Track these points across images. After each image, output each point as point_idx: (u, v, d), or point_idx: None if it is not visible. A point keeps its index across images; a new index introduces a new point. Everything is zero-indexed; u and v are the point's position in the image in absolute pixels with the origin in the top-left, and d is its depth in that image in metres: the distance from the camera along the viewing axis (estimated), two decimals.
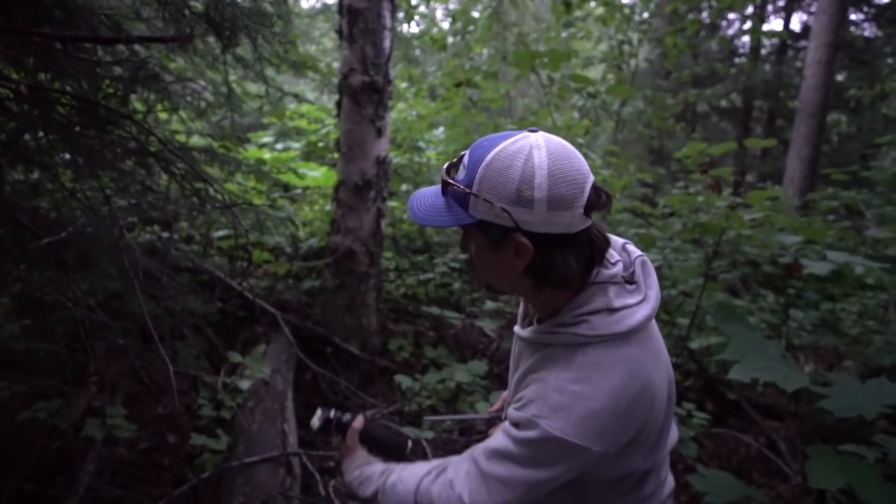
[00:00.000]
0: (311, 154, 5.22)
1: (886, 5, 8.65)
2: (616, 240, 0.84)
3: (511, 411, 0.76)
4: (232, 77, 2.56)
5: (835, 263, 1.63)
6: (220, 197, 1.66)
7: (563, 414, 0.68)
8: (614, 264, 0.78)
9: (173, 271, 2.85)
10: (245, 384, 2.34)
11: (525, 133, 0.71)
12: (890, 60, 8.33)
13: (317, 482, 1.87)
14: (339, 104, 2.87)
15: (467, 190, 0.70)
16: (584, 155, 0.76)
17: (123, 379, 2.42)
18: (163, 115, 2.00)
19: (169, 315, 2.41)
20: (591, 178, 0.71)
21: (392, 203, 4.03)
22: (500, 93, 4.08)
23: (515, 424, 0.73)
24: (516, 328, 0.87)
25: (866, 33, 9.12)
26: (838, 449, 2.12)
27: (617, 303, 0.73)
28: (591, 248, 0.73)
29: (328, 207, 3.48)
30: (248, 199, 1.96)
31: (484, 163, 0.69)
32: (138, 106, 1.48)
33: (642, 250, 0.84)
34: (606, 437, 0.70)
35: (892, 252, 4.45)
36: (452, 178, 0.74)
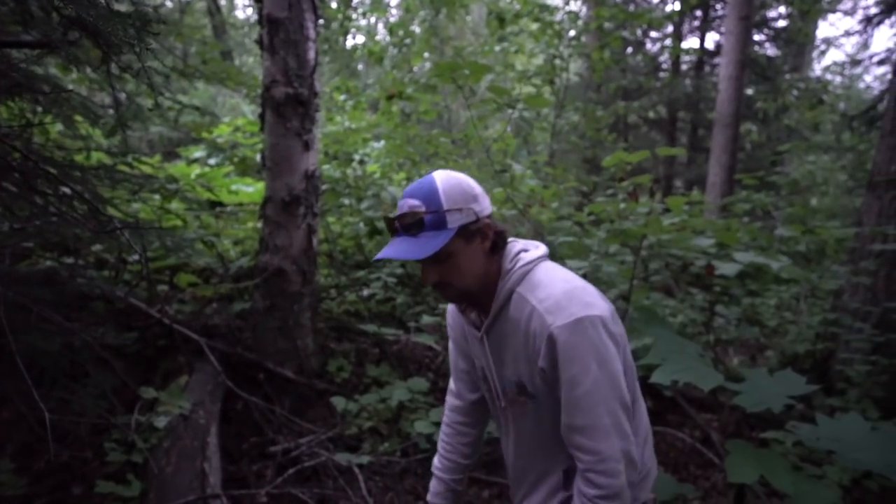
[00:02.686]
0: (247, 170, 4.98)
1: (783, 28, 9.65)
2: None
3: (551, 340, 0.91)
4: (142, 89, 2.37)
5: (741, 264, 1.75)
6: (119, 216, 1.51)
7: (557, 307, 0.91)
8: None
9: (78, 301, 2.58)
10: (162, 421, 2.13)
11: (429, 174, 0.96)
12: (787, 76, 9.26)
13: None
14: (262, 117, 2.75)
15: (443, 210, 0.91)
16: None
17: (14, 428, 2.15)
18: (53, 130, 1.81)
19: (67, 351, 2.17)
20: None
21: (329, 219, 3.91)
22: (435, 105, 4.09)
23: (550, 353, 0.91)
24: (476, 334, 1.04)
25: (768, 52, 10.09)
26: (761, 437, 2.24)
27: (525, 245, 1.03)
28: (498, 227, 1.01)
29: (259, 225, 3.32)
30: (151, 221, 1.80)
31: (440, 190, 0.92)
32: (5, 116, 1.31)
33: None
34: (597, 303, 0.93)
35: (801, 248, 4.89)
36: (418, 216, 0.92)
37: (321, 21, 4.93)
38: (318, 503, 2.12)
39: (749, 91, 8.98)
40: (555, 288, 0.93)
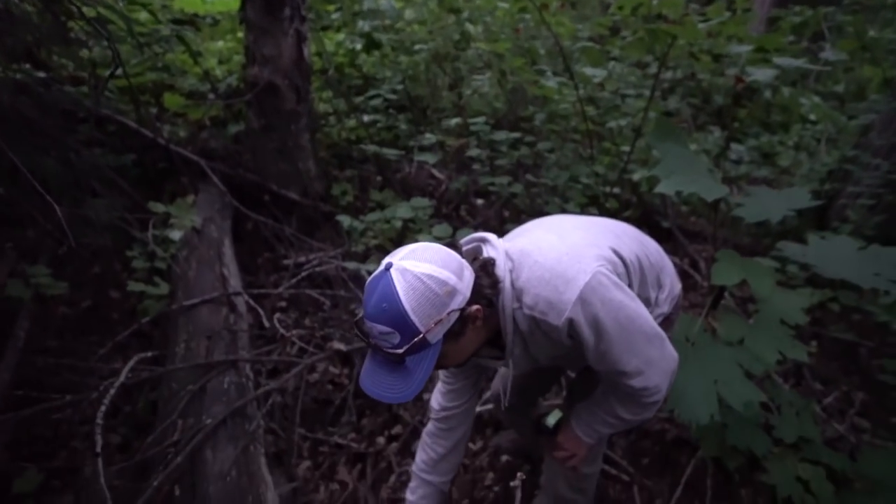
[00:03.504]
0: None
1: None
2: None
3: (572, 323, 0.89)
4: None
5: (779, 69, 1.56)
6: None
7: (549, 306, 0.87)
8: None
9: (65, 120, 2.47)
10: (176, 234, 2.24)
11: (384, 272, 0.80)
12: None
13: (262, 317, 1.93)
14: None
15: (421, 335, 0.78)
16: None
17: (44, 242, 2.26)
18: None
19: (70, 170, 2.15)
20: (438, 244, 0.87)
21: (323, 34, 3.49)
22: None
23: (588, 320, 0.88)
24: (499, 364, 1.02)
25: None
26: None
27: (488, 251, 0.95)
28: (480, 263, 0.90)
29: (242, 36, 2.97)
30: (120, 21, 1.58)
31: (409, 311, 0.77)
32: None
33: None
34: (581, 267, 0.89)
35: (839, 89, 4.46)
36: (395, 346, 0.79)
37: None
38: (331, 303, 2.35)
39: None
40: (537, 286, 0.88)
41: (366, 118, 3.43)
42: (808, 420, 1.58)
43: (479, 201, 3.29)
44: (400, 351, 0.78)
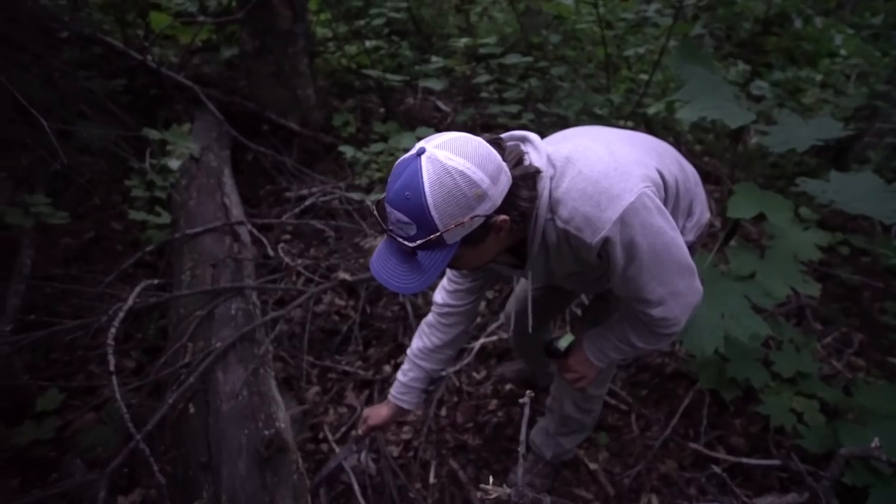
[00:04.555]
0: None
1: None
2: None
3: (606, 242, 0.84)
4: None
5: None
6: None
7: (586, 222, 0.82)
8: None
9: (46, 39, 2.31)
10: (175, 163, 2.17)
11: (415, 157, 0.73)
12: None
13: (266, 247, 1.91)
14: None
15: (438, 233, 0.72)
16: None
17: (41, 169, 2.20)
18: None
19: (54, 91, 2.04)
20: (484, 136, 0.80)
21: None
22: None
23: (622, 244, 0.84)
24: (519, 272, 0.99)
25: None
26: None
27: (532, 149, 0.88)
28: (522, 171, 0.82)
29: None
30: None
31: (430, 206, 0.71)
32: None
33: None
34: (627, 186, 0.82)
35: (875, 21, 4.12)
36: (410, 238, 0.74)
37: None
38: (335, 235, 2.32)
39: None
40: (577, 199, 0.82)
41: (367, 44, 3.22)
42: (807, 356, 1.61)
43: (486, 134, 3.18)
44: (412, 244, 0.74)
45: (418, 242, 0.73)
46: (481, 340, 1.96)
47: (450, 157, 0.72)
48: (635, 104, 2.26)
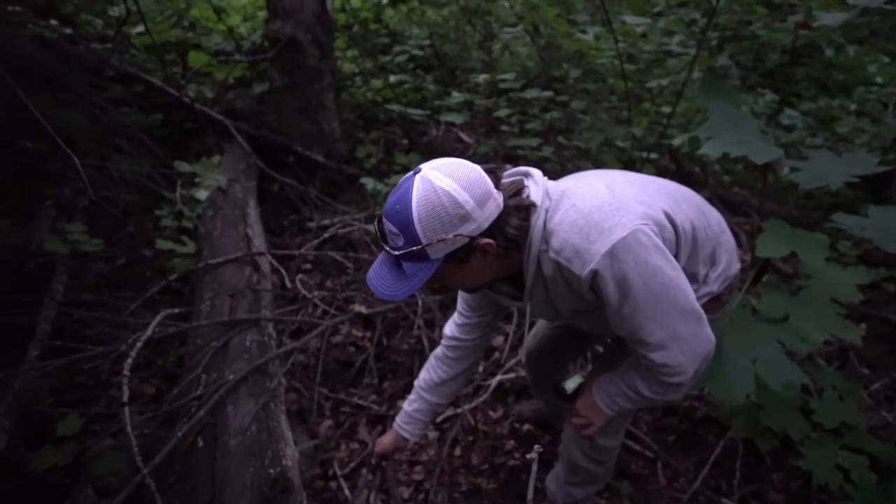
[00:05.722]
0: None
1: None
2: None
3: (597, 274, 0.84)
4: None
5: (853, 8, 1.36)
6: None
7: (575, 253, 0.83)
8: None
9: (92, 77, 2.48)
10: (203, 194, 2.25)
11: (412, 176, 0.80)
12: None
13: (284, 278, 1.93)
14: None
15: (420, 246, 0.78)
16: None
17: (80, 200, 2.32)
18: None
19: (96, 126, 2.16)
20: (479, 167, 0.83)
21: None
22: None
23: (614, 277, 0.82)
24: (518, 304, 1.00)
25: None
26: None
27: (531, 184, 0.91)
28: (517, 202, 0.85)
29: None
30: None
31: (415, 219, 0.77)
32: None
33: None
34: (621, 220, 0.82)
35: None
36: (397, 248, 0.80)
37: None
38: (354, 266, 2.33)
39: None
40: (567, 230, 0.84)
41: (392, 78, 3.32)
42: (852, 405, 1.48)
43: (507, 166, 3.18)
44: (397, 253, 0.80)
45: (402, 252, 0.79)
46: (498, 377, 1.90)
47: (440, 178, 0.78)
48: (658, 135, 2.22)
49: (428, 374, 1.21)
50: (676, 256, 0.94)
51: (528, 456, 0.81)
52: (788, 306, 1.41)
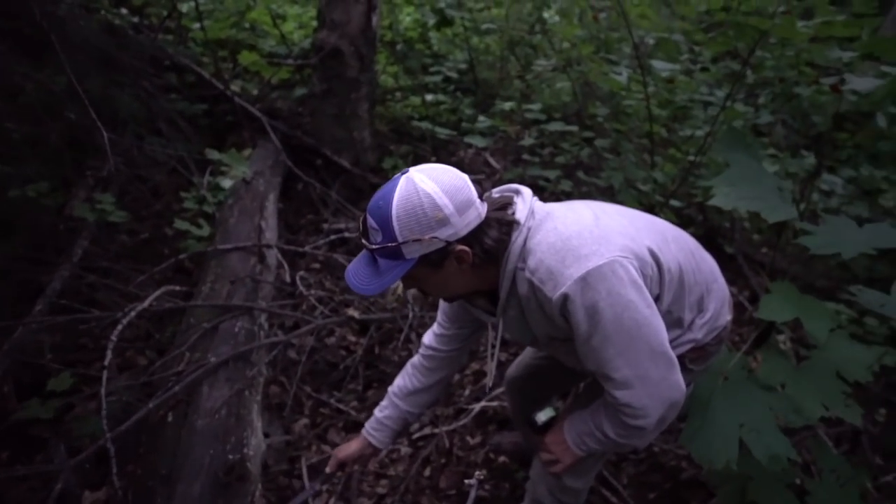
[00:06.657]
0: None
1: None
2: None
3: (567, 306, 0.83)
4: None
5: (887, 76, 1.31)
6: None
7: (549, 275, 0.82)
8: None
9: (151, 64, 2.66)
10: (227, 183, 2.35)
11: (399, 176, 0.82)
12: None
13: (286, 273, 1.97)
14: None
15: (396, 243, 0.79)
16: None
17: (118, 175, 2.46)
18: None
19: (143, 108, 2.31)
20: (466, 175, 0.84)
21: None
22: None
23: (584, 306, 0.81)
24: (491, 319, 0.98)
25: None
26: None
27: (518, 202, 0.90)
28: (500, 216, 0.87)
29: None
30: None
31: (394, 216, 0.79)
32: None
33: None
34: (598, 250, 0.81)
35: None
36: (375, 243, 0.82)
37: None
38: None
39: None
40: (545, 251, 0.84)
41: (430, 97, 3.40)
42: (854, 495, 1.36)
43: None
44: (373, 247, 0.81)
45: (378, 247, 0.80)
46: (482, 403, 1.86)
47: (424, 181, 0.79)
48: (679, 182, 2.18)
49: (403, 381, 1.21)
50: (660, 296, 0.91)
51: (466, 482, 0.79)
52: (788, 375, 1.32)
